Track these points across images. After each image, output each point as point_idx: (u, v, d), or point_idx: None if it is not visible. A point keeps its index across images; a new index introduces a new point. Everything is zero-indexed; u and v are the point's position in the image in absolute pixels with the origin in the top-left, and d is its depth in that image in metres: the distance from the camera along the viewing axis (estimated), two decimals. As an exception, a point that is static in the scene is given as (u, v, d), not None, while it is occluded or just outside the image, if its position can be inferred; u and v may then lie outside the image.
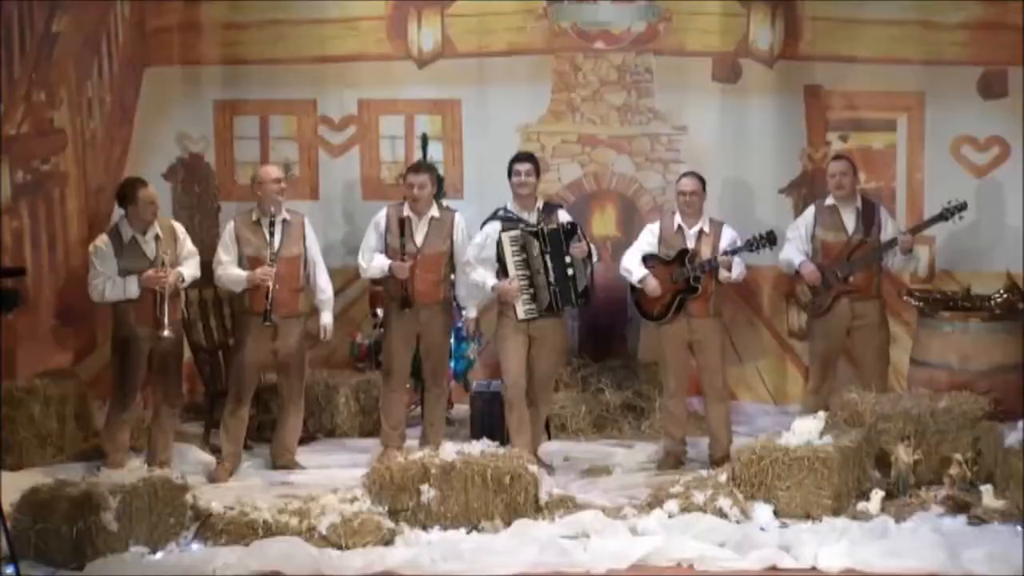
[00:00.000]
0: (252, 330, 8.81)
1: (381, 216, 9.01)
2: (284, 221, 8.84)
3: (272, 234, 8.73)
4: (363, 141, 10.62)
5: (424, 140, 10.17)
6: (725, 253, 8.77)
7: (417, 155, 10.20)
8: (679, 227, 8.94)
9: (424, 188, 8.92)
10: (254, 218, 8.85)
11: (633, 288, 9.01)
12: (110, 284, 8.49)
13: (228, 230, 8.89)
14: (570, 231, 8.74)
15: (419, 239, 8.92)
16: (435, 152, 10.30)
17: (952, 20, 9.96)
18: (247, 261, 8.79)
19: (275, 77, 10.54)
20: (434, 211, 8.99)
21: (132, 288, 8.47)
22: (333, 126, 10.64)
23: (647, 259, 8.92)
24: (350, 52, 10.54)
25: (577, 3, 10.42)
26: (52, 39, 9.63)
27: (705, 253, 8.83)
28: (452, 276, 9.03)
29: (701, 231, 8.90)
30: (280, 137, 10.69)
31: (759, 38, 10.26)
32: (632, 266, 8.93)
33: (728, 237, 8.90)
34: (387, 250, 8.93)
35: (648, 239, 9.02)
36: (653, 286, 8.83)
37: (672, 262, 8.86)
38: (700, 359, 8.95)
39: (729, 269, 8.78)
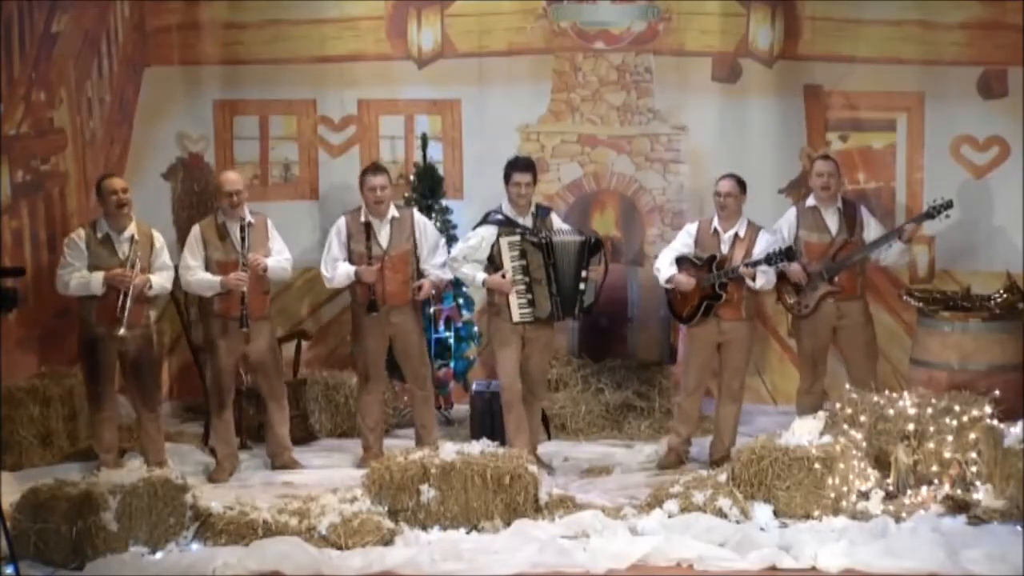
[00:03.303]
0: (225, 334, 8.78)
1: (341, 224, 8.95)
2: (249, 224, 8.80)
3: (244, 239, 8.70)
4: (363, 141, 10.62)
5: (424, 140, 10.18)
6: (746, 265, 8.74)
7: (417, 155, 10.21)
8: (715, 230, 8.92)
9: (386, 189, 8.89)
10: (219, 221, 8.82)
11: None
12: (76, 276, 8.49)
13: (193, 234, 8.84)
14: (594, 247, 8.71)
15: (384, 241, 8.88)
16: (435, 152, 10.31)
17: (952, 20, 9.96)
18: (215, 266, 8.76)
19: (275, 77, 10.54)
20: (393, 211, 8.97)
21: (96, 284, 8.46)
22: (333, 126, 10.64)
23: (680, 261, 8.90)
24: (350, 52, 10.54)
25: (577, 3, 10.42)
26: (52, 39, 9.62)
27: (738, 258, 8.79)
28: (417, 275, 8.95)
29: (736, 235, 8.88)
30: (280, 137, 10.69)
31: (759, 38, 10.26)
32: (663, 265, 8.92)
33: (763, 242, 8.85)
34: (351, 257, 8.89)
35: (684, 240, 9.00)
36: (683, 280, 8.81)
37: (701, 267, 8.85)
38: (725, 359, 8.94)
39: (753, 279, 8.77)
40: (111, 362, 8.62)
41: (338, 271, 8.89)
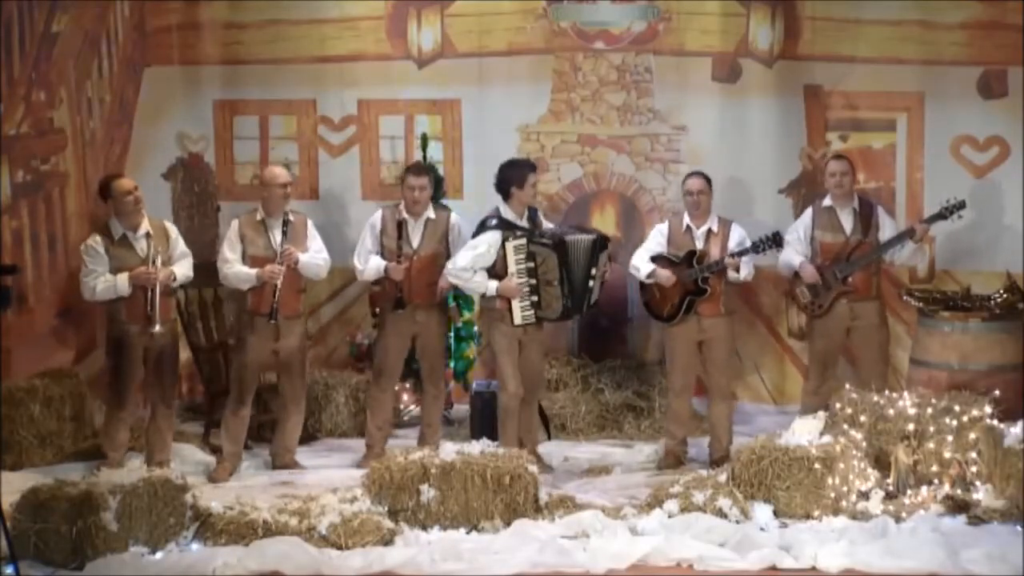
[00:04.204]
0: (255, 330, 8.81)
1: (376, 218, 9.00)
2: (288, 222, 8.84)
3: (285, 233, 8.74)
4: (363, 141, 10.62)
5: (424, 140, 10.18)
6: (732, 255, 8.77)
7: (417, 155, 10.20)
8: (687, 227, 8.94)
9: (424, 190, 8.91)
10: (259, 218, 8.87)
11: (643, 288, 9.01)
12: (102, 282, 8.51)
13: (233, 228, 8.90)
14: (603, 245, 8.71)
15: (415, 241, 8.92)
16: (435, 152, 10.31)
17: (952, 20, 9.95)
18: (250, 260, 8.79)
19: (275, 77, 10.54)
20: (430, 212, 8.98)
21: (123, 286, 8.49)
22: (333, 126, 10.64)
23: (655, 260, 8.92)
24: (350, 52, 10.54)
25: (577, 3, 10.41)
26: (52, 39, 9.62)
27: (714, 253, 8.82)
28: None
29: (709, 231, 8.90)
30: (280, 137, 10.69)
31: (759, 38, 10.25)
32: (640, 263, 8.93)
33: (737, 236, 8.90)
34: (383, 252, 8.92)
35: (657, 239, 9.02)
36: (665, 275, 8.81)
37: (680, 263, 8.86)
38: (707, 357, 8.96)
39: (737, 270, 8.78)
40: (138, 361, 8.63)
41: (369, 265, 8.92)
